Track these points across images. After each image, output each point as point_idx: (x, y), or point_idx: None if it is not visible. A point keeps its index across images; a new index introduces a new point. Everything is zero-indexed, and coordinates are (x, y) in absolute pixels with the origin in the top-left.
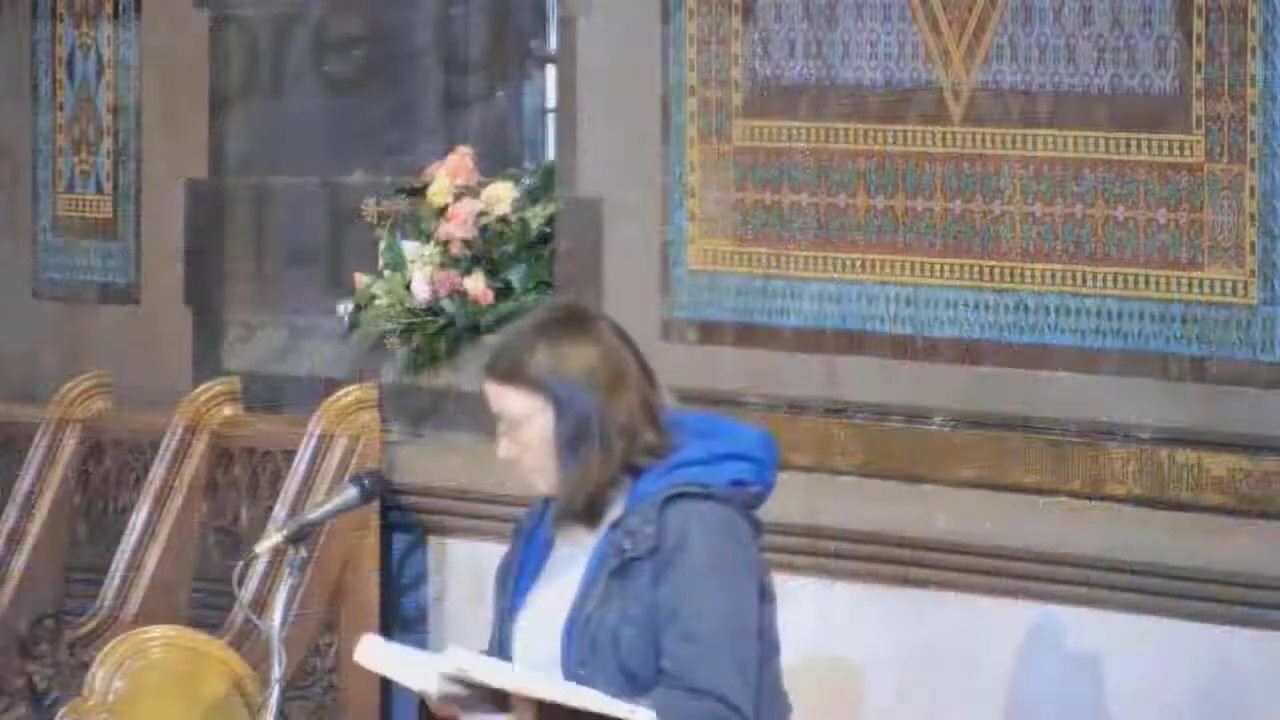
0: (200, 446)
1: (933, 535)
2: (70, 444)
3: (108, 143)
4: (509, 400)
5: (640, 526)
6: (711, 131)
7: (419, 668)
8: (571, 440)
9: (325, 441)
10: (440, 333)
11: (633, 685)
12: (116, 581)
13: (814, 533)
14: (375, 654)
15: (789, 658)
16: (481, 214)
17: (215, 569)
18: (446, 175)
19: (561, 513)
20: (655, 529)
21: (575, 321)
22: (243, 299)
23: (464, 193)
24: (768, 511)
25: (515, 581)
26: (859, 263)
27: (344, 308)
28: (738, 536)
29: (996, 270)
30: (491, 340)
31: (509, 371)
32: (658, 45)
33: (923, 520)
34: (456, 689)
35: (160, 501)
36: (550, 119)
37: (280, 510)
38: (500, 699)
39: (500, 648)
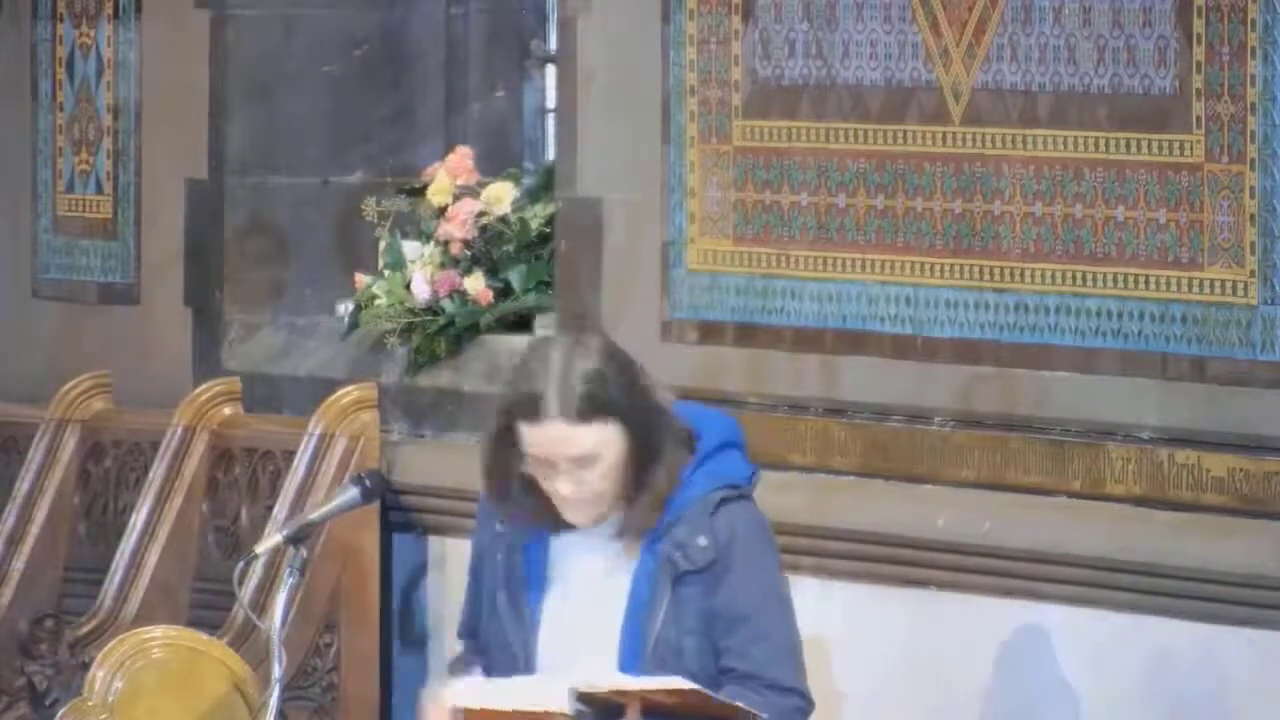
0: (200, 446)
1: (933, 535)
2: (70, 444)
3: (108, 143)
4: (582, 438)
5: (690, 538)
6: (711, 131)
7: (534, 693)
8: (645, 455)
9: (325, 441)
10: (440, 333)
11: None
12: (116, 581)
13: (814, 533)
14: (473, 695)
15: None
16: (481, 214)
17: (215, 569)
18: (446, 175)
19: (631, 529)
20: (710, 540)
21: (594, 338)
22: (243, 299)
23: (464, 193)
24: (767, 510)
25: (526, 596)
26: (859, 263)
27: (344, 308)
28: (771, 535)
29: (996, 270)
30: (523, 390)
31: (581, 408)
32: (658, 45)
33: (923, 520)
34: (581, 707)
35: (160, 501)
36: (550, 119)
37: (280, 510)
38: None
39: (525, 663)
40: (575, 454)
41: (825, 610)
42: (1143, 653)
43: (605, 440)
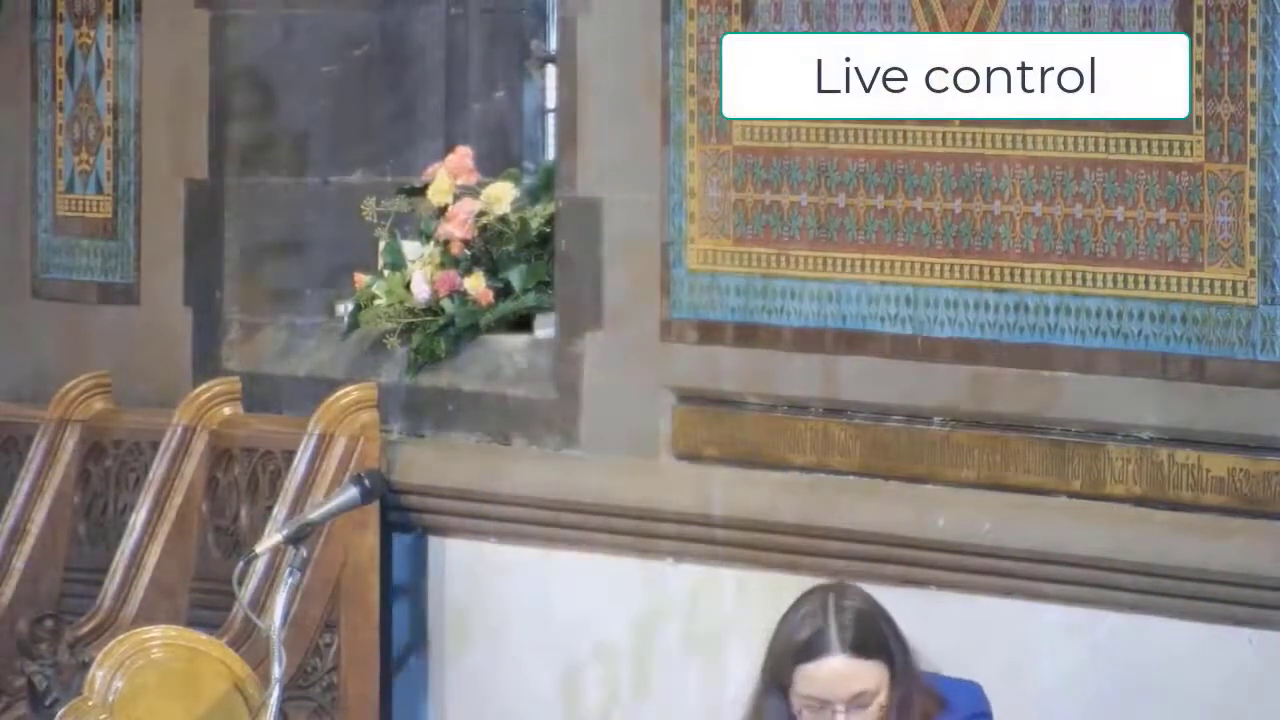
0: (200, 446)
1: (933, 535)
2: (70, 444)
3: (108, 143)
4: (862, 674)
5: None
6: (711, 131)
7: None
8: (905, 705)
9: (325, 441)
10: (440, 333)
11: None
12: (116, 581)
13: (814, 533)
14: None
15: None
16: (481, 214)
17: (215, 569)
18: (446, 175)
19: None
20: None
21: (853, 588)
22: (243, 299)
23: (464, 193)
24: (767, 510)
25: None
26: (859, 263)
27: (344, 308)
28: None
29: (996, 270)
30: (800, 635)
31: (858, 643)
32: (658, 45)
33: (923, 520)
34: None
35: (160, 501)
36: (550, 119)
37: (280, 510)
38: None
39: None
40: (855, 690)
41: None
42: (1143, 653)
43: (880, 680)
